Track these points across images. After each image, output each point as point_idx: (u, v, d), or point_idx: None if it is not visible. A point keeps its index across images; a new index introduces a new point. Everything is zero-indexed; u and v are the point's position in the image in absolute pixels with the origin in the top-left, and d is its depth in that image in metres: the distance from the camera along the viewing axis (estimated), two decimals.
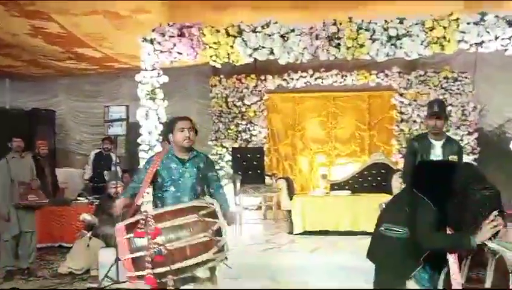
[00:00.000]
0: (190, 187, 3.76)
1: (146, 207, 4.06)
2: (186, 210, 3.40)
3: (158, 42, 7.06)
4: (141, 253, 3.25)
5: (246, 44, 6.84)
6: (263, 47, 6.82)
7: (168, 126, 3.95)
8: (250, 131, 10.63)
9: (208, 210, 3.40)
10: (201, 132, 4.11)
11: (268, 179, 9.59)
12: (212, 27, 6.95)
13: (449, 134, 6.32)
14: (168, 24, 7.06)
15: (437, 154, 4.92)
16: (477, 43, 6.56)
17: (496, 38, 6.48)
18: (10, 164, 6.49)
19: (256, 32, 6.81)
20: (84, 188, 9.42)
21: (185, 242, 3.27)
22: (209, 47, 6.96)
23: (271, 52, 6.85)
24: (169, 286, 3.30)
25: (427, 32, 6.54)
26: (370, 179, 9.08)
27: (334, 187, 9.14)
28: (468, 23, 6.50)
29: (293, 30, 6.78)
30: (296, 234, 7.73)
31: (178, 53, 7.09)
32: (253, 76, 10.57)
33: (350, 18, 6.72)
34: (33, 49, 8.80)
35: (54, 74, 10.93)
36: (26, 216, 6.55)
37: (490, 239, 2.80)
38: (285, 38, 6.78)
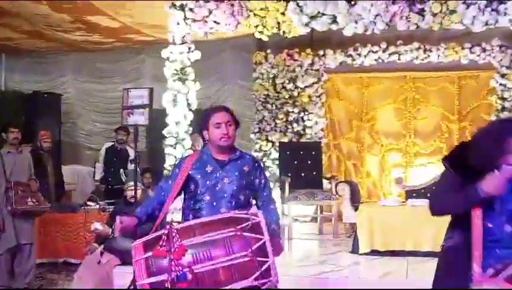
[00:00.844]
0: (230, 196, 3.76)
1: (172, 217, 4.06)
2: (220, 222, 3.38)
3: (190, 9, 7.12)
4: (162, 277, 3.26)
5: (302, 10, 6.83)
6: (323, 14, 6.80)
7: (202, 121, 3.92)
8: (303, 121, 10.61)
9: (250, 223, 3.37)
10: (241, 123, 4.08)
11: (326, 183, 9.55)
12: None
13: None
14: None
15: None
16: None
17: None
18: (5, 161, 6.60)
19: None
20: (95, 191, 9.58)
21: (218, 264, 3.26)
22: (254, 14, 6.99)
23: (333, 20, 6.82)
24: None
25: None
26: None
27: (412, 195, 8.99)
28: None
29: None
30: (362, 254, 7.66)
31: (215, 22, 7.13)
32: (309, 51, 10.50)
33: None
34: (35, 17, 9.00)
35: (61, 49, 11.16)
36: (24, 225, 6.65)
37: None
38: (351, 2, 6.72)
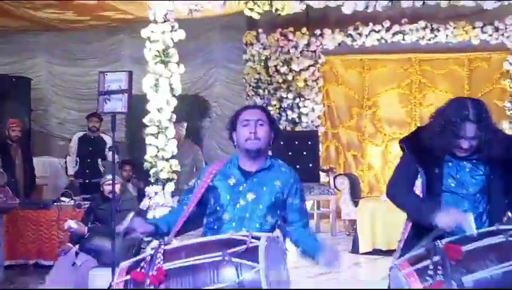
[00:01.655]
0: (255, 216, 3.41)
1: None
2: (214, 244, 3.11)
3: None
4: None
5: None
6: None
7: (231, 121, 3.62)
8: (299, 108, 10.60)
9: (245, 247, 3.03)
10: (231, 110, 4.05)
11: (323, 176, 9.58)
12: None
13: None
14: None
15: None
16: None
17: None
18: None
19: None
20: (69, 186, 9.54)
21: None
22: None
23: None
24: None
25: None
26: None
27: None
28: None
29: None
30: (363, 254, 7.70)
31: None
32: (304, 31, 10.50)
33: None
34: None
35: (30, 28, 11.09)
36: None
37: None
38: None
